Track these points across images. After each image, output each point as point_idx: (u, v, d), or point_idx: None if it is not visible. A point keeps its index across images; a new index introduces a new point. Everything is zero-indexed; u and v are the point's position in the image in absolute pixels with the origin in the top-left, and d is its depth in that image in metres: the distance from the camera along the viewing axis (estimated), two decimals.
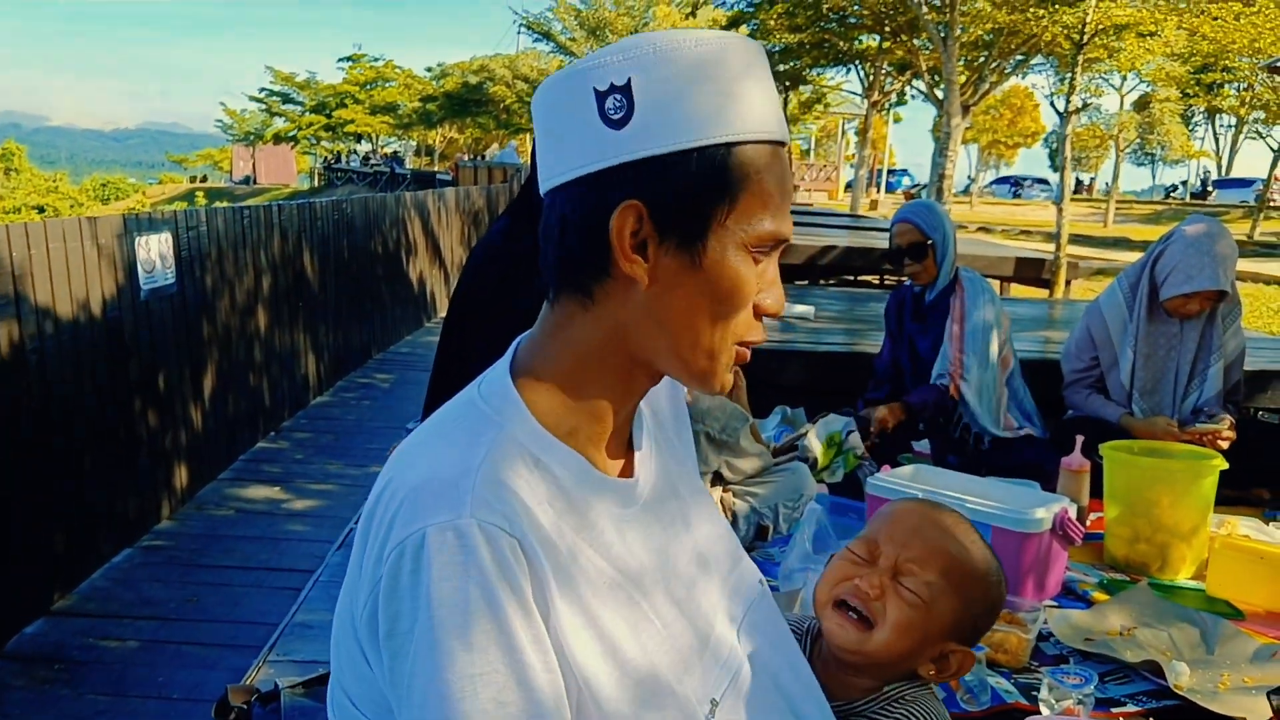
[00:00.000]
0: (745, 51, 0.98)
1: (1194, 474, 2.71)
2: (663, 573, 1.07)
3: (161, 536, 5.59)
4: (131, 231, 5.62)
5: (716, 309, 0.98)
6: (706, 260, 0.96)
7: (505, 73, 40.74)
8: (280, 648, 2.28)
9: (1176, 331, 3.64)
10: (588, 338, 1.01)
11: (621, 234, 0.95)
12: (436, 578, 0.88)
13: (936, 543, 1.38)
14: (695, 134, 0.94)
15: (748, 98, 0.95)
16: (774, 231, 0.98)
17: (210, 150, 73.95)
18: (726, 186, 0.95)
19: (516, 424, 1.00)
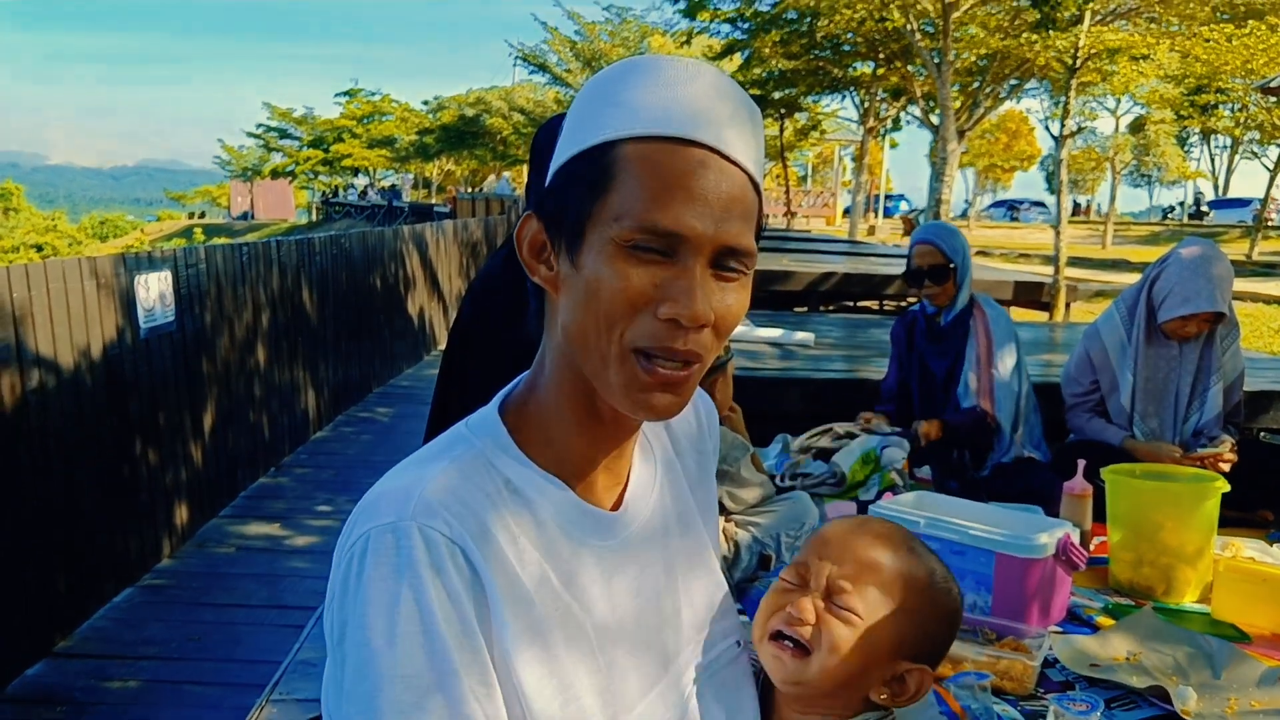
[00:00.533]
0: (641, 62, 0.98)
1: (1196, 496, 2.71)
2: (630, 614, 1.06)
3: (162, 575, 5.57)
4: (131, 270, 5.62)
5: (594, 311, 0.94)
6: (581, 260, 0.95)
7: (502, 105, 40.91)
8: (283, 686, 2.27)
9: (1175, 354, 3.64)
10: (550, 364, 1.03)
11: (521, 243, 1.00)
12: (371, 577, 0.90)
13: (869, 556, 1.27)
14: (577, 143, 0.97)
15: (633, 100, 0.95)
16: (654, 222, 0.92)
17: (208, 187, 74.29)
18: (598, 180, 0.94)
19: (494, 451, 1.01)
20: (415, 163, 53.12)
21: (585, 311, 0.94)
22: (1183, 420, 3.68)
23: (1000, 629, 2.27)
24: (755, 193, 0.98)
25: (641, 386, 0.95)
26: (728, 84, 0.99)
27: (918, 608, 1.26)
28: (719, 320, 0.95)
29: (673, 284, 0.93)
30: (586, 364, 0.97)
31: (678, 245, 0.93)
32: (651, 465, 1.15)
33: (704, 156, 0.93)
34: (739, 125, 0.97)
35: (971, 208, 49.48)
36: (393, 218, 35.73)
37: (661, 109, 0.94)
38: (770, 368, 5.19)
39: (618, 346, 0.95)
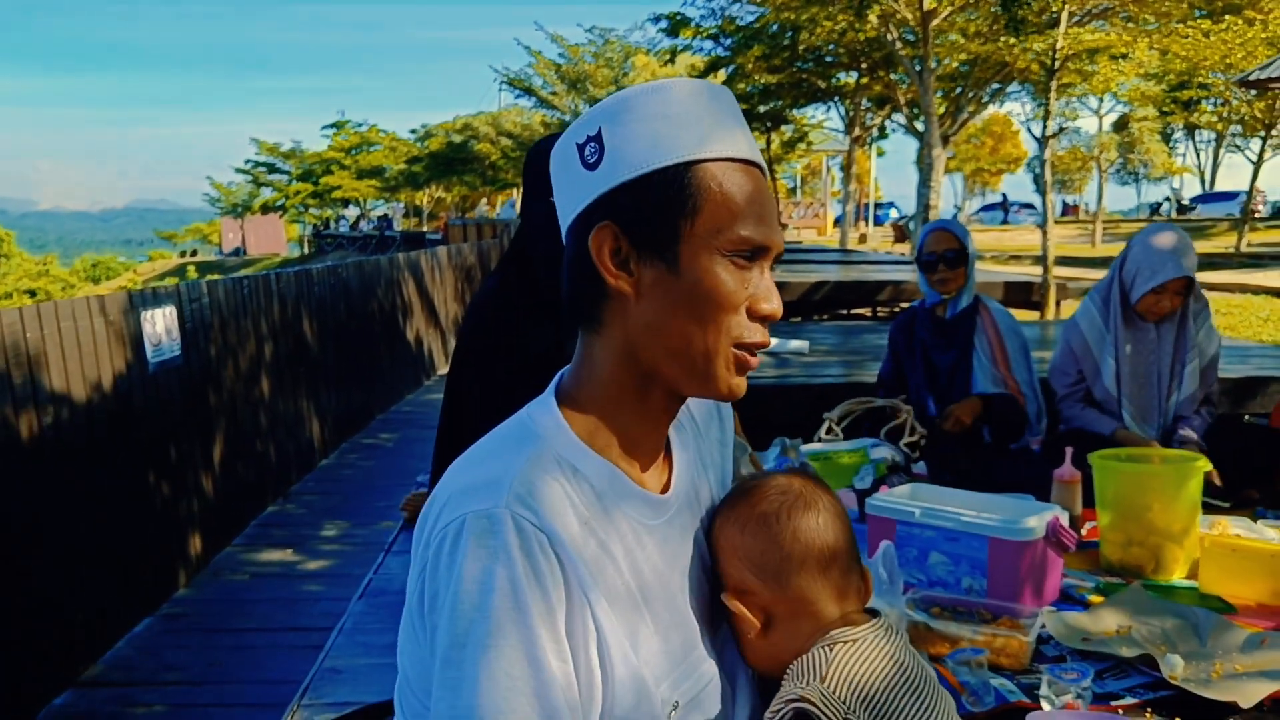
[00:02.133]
0: (697, 88, 1.12)
1: (1180, 477, 2.81)
2: (672, 583, 1.19)
3: (180, 604, 5.67)
4: (137, 306, 5.74)
5: (702, 310, 1.09)
6: (683, 266, 1.08)
7: (489, 130, 41.08)
8: (312, 693, 2.37)
9: (1153, 337, 3.78)
10: (604, 360, 1.15)
11: (601, 252, 1.10)
12: (468, 557, 1.01)
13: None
14: (655, 159, 1.09)
15: (700, 124, 1.09)
16: (748, 237, 1.09)
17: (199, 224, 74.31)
18: (688, 199, 1.08)
19: (557, 438, 1.13)
20: (405, 191, 53.24)
21: (690, 310, 1.10)
22: (1165, 399, 3.80)
23: (996, 610, 2.38)
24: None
25: (737, 370, 1.13)
26: (735, 102, 1.16)
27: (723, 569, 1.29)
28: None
29: (759, 285, 1.11)
30: (680, 356, 1.11)
31: (762, 255, 1.11)
32: (686, 452, 1.28)
33: (757, 175, 1.12)
34: (752, 138, 1.14)
35: (961, 212, 49.64)
36: (385, 247, 35.88)
37: (729, 133, 1.10)
38: (767, 376, 5.29)
39: (726, 340, 1.11)
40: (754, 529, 1.28)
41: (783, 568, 1.28)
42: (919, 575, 2.63)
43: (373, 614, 2.84)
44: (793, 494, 1.32)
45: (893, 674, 1.27)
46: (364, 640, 2.66)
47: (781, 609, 1.28)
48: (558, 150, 1.16)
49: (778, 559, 1.28)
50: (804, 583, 1.29)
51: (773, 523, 1.29)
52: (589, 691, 1.06)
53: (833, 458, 3.60)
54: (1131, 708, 2.04)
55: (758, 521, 1.29)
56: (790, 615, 1.29)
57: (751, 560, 1.28)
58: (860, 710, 1.22)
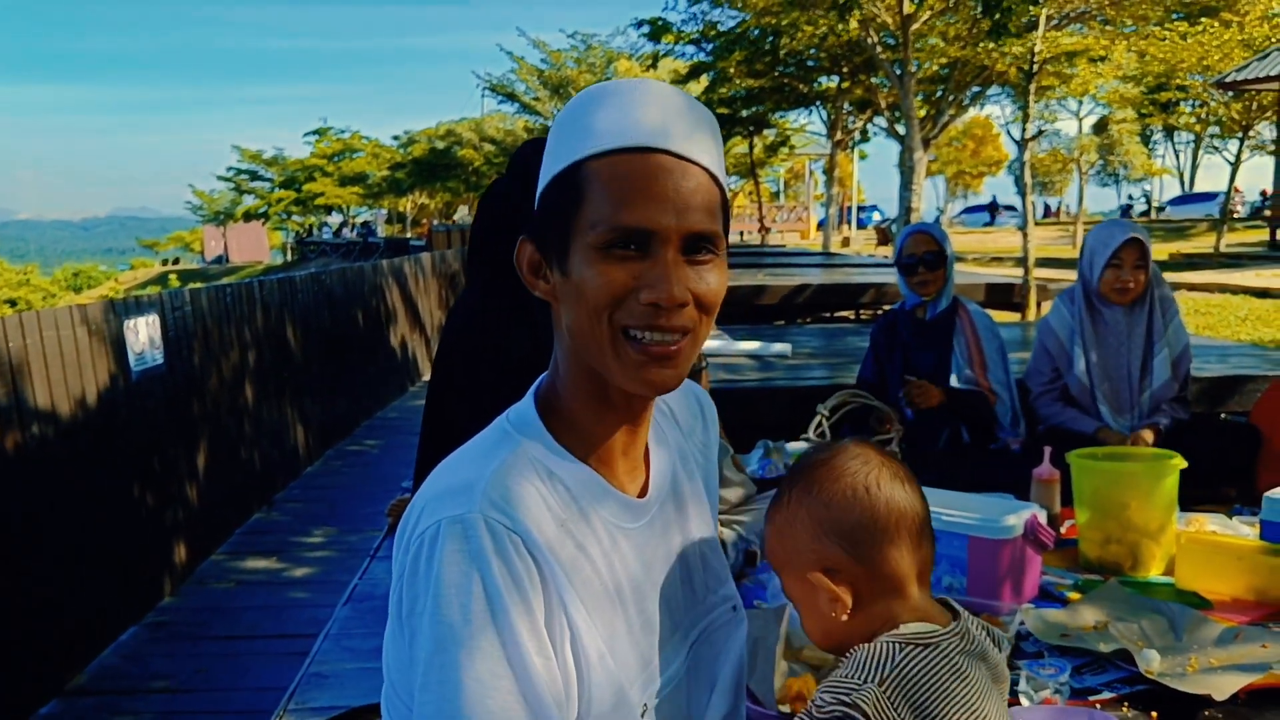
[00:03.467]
0: (610, 87, 1.13)
1: (1156, 474, 2.85)
2: (645, 585, 1.20)
3: (165, 613, 5.68)
4: (120, 315, 5.74)
5: (584, 308, 1.09)
6: (570, 269, 1.10)
7: (472, 136, 41.08)
8: (298, 698, 2.39)
9: (1123, 328, 3.84)
10: (564, 363, 1.18)
11: (520, 264, 1.16)
12: (445, 563, 1.03)
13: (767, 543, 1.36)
14: (551, 170, 1.12)
15: (594, 123, 1.10)
16: (622, 225, 1.06)
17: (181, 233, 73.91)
18: (574, 197, 1.09)
19: (534, 441, 1.15)
20: (389, 198, 53.15)
21: (578, 310, 1.10)
22: (1139, 391, 3.86)
23: (975, 607, 2.40)
24: (717, 186, 1.13)
25: (637, 364, 1.10)
26: (677, 95, 1.13)
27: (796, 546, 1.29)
28: (700, 298, 1.10)
29: (649, 273, 1.07)
30: (590, 356, 1.12)
31: (648, 240, 1.07)
32: (667, 453, 1.30)
33: (661, 160, 1.08)
34: (692, 129, 1.11)
35: (944, 214, 49.83)
36: (369, 254, 35.80)
37: (619, 125, 1.08)
38: (750, 379, 5.32)
39: (608, 330, 1.09)
40: (843, 500, 1.25)
41: (879, 539, 1.24)
42: None
43: (358, 619, 2.86)
44: (876, 462, 1.28)
45: (959, 693, 1.20)
46: (349, 645, 2.68)
47: (871, 587, 1.25)
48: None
49: (873, 530, 1.24)
50: (897, 555, 1.25)
51: (863, 492, 1.25)
52: (566, 690, 1.07)
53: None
54: (1108, 702, 2.08)
55: (847, 492, 1.25)
56: (880, 593, 1.25)
57: (841, 533, 1.25)
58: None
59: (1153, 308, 3.86)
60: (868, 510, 1.25)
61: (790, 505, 1.30)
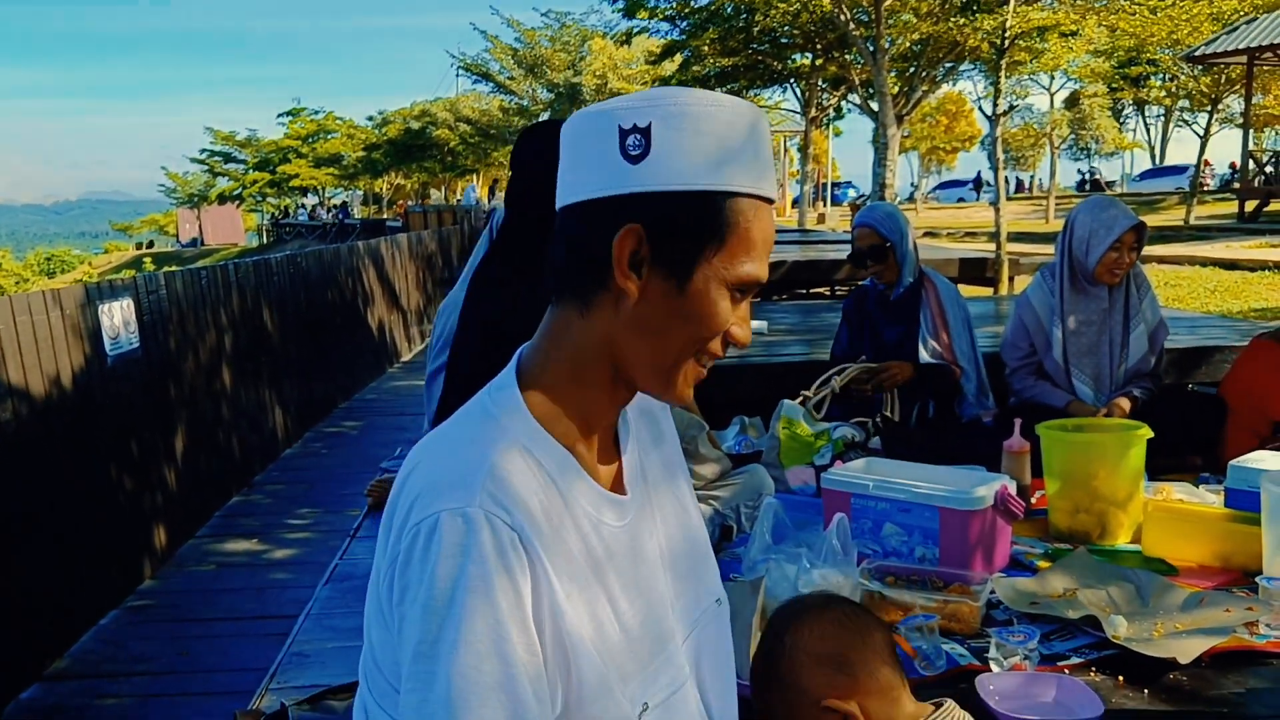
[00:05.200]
0: (750, 117, 1.16)
1: (1123, 445, 2.90)
2: (638, 577, 1.22)
3: (146, 596, 5.68)
4: (94, 299, 5.72)
5: (691, 330, 1.15)
6: (691, 289, 1.13)
7: (447, 116, 40.89)
8: (280, 676, 2.40)
9: (1104, 305, 3.89)
10: (581, 342, 1.18)
11: (622, 252, 1.12)
12: (442, 555, 1.04)
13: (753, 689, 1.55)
14: (699, 180, 1.12)
15: (746, 158, 1.14)
16: (754, 275, 1.15)
17: (155, 215, 73.29)
18: (718, 229, 1.12)
19: (518, 423, 1.16)
20: (364, 179, 52.87)
21: (680, 325, 1.15)
22: (1115, 367, 3.92)
23: (947, 577, 2.45)
24: None
25: (688, 382, 1.19)
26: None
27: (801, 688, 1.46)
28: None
29: (738, 313, 1.18)
30: (643, 360, 1.17)
31: (754, 288, 1.18)
32: (629, 439, 1.31)
33: (772, 213, 1.18)
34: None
35: (918, 190, 49.89)
36: (345, 235, 35.60)
37: (758, 166, 1.15)
38: (726, 356, 5.34)
39: (692, 355, 1.17)
40: (835, 632, 1.46)
41: (870, 658, 1.45)
42: (874, 546, 2.70)
43: (339, 599, 2.87)
44: (837, 603, 1.51)
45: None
46: (331, 624, 2.69)
47: (875, 702, 1.44)
48: (588, 122, 1.15)
49: (864, 650, 1.45)
50: (886, 668, 1.46)
51: (847, 621, 1.47)
52: (552, 681, 1.09)
53: (799, 431, 3.65)
54: (1076, 667, 2.12)
55: (836, 624, 1.47)
56: (881, 704, 1.44)
57: (841, 661, 1.44)
58: None
59: (1128, 284, 3.93)
60: (856, 633, 1.47)
61: (787, 656, 1.47)
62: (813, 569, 2.25)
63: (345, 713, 1.87)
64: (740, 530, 2.93)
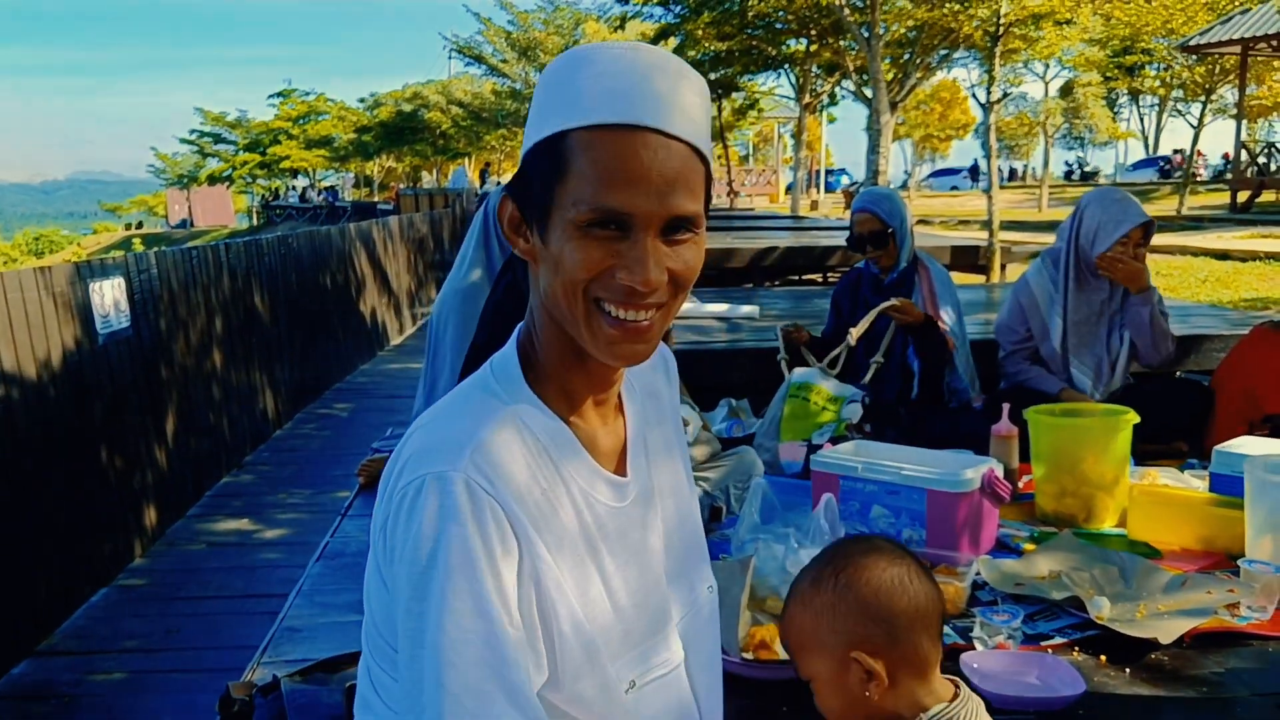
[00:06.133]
0: (584, 53, 1.13)
1: (1110, 430, 2.93)
2: (630, 559, 1.23)
3: (136, 574, 5.70)
4: (85, 278, 5.72)
5: (563, 278, 1.10)
6: (550, 238, 1.11)
7: (439, 99, 40.78)
8: (271, 651, 2.43)
9: (1106, 296, 3.91)
10: (540, 318, 1.20)
11: (502, 219, 1.18)
12: (425, 517, 1.06)
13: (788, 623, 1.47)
14: (536, 134, 1.13)
15: (578, 91, 1.09)
16: (609, 204, 1.06)
17: (144, 196, 72.85)
18: (557, 167, 1.09)
19: (515, 397, 1.17)
20: (355, 161, 52.69)
21: (555, 281, 1.11)
22: (1113, 359, 3.94)
23: (934, 558, 2.48)
24: (700, 160, 1.12)
25: (609, 339, 1.12)
26: (664, 60, 1.11)
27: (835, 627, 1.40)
28: (676, 275, 1.12)
29: (627, 255, 1.08)
30: (563, 321, 1.14)
31: (629, 222, 1.07)
32: (638, 411, 1.32)
33: (644, 137, 1.07)
34: (676, 99, 1.09)
35: (911, 178, 49.90)
36: (336, 218, 35.50)
37: (607, 97, 1.07)
38: (719, 341, 5.36)
39: (583, 304, 1.11)
40: (888, 589, 1.38)
41: (915, 626, 1.38)
42: (862, 528, 2.72)
43: (330, 576, 2.90)
44: (909, 559, 1.42)
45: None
46: (322, 601, 2.71)
47: (903, 669, 1.38)
48: None
49: (912, 617, 1.38)
50: (928, 642, 1.39)
51: (903, 584, 1.39)
52: (535, 653, 1.10)
53: (812, 396, 3.67)
54: (1060, 647, 2.15)
55: (892, 582, 1.38)
56: (909, 675, 1.38)
57: (884, 619, 1.37)
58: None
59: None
60: (911, 599, 1.39)
61: (836, 589, 1.40)
62: (800, 549, 2.28)
63: (338, 684, 1.89)
64: (729, 511, 2.96)
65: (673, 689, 1.27)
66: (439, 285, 18.01)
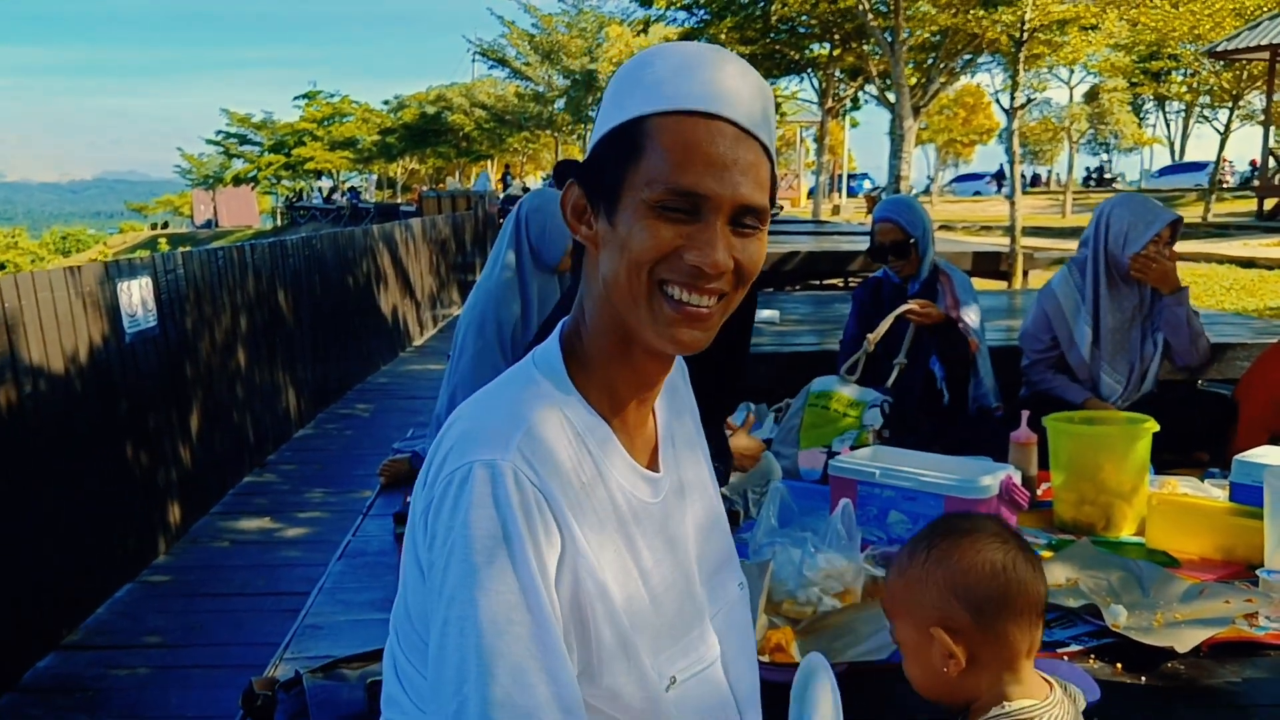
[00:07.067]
0: (663, 48, 1.17)
1: (1130, 438, 2.92)
2: (666, 554, 1.24)
3: (160, 571, 5.76)
4: (113, 278, 5.78)
5: (630, 258, 1.12)
6: (619, 220, 1.13)
7: (463, 101, 40.88)
8: (293, 647, 2.46)
9: (1138, 302, 3.89)
10: (591, 310, 1.22)
11: (565, 206, 1.20)
12: (474, 504, 1.08)
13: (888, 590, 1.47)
14: (610, 121, 1.15)
15: (657, 81, 1.13)
16: (684, 184, 1.09)
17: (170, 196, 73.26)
18: (632, 150, 1.12)
19: (558, 389, 1.19)
20: (379, 163, 52.87)
21: (620, 261, 1.13)
22: (1145, 363, 3.93)
23: None
24: (768, 159, 1.16)
25: (669, 321, 1.14)
26: (743, 67, 1.16)
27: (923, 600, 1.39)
28: (740, 266, 1.15)
29: (697, 237, 1.11)
30: (623, 307, 1.15)
31: (700, 204, 1.10)
32: (669, 417, 1.34)
33: (720, 127, 1.11)
34: (751, 100, 1.14)
35: (934, 183, 49.71)
36: (359, 219, 35.62)
37: (681, 85, 1.11)
38: None
39: (646, 284, 1.13)
40: (982, 572, 1.35)
41: (1006, 613, 1.35)
42: (879, 533, 2.73)
43: (351, 574, 2.92)
44: (1015, 544, 1.39)
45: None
46: (343, 599, 2.74)
47: (987, 653, 1.36)
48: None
49: (1003, 604, 1.35)
50: (1018, 631, 1.36)
51: (1001, 570, 1.36)
52: (570, 642, 1.11)
53: (832, 404, 3.68)
54: (1076, 654, 2.15)
55: (987, 566, 1.36)
56: (993, 661, 1.36)
57: (973, 601, 1.35)
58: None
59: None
60: (1003, 586, 1.36)
61: (927, 563, 1.39)
62: (817, 553, 2.29)
63: (359, 681, 1.92)
64: (747, 515, 2.97)
65: (710, 684, 1.28)
66: (461, 286, 17.96)
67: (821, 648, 2.08)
